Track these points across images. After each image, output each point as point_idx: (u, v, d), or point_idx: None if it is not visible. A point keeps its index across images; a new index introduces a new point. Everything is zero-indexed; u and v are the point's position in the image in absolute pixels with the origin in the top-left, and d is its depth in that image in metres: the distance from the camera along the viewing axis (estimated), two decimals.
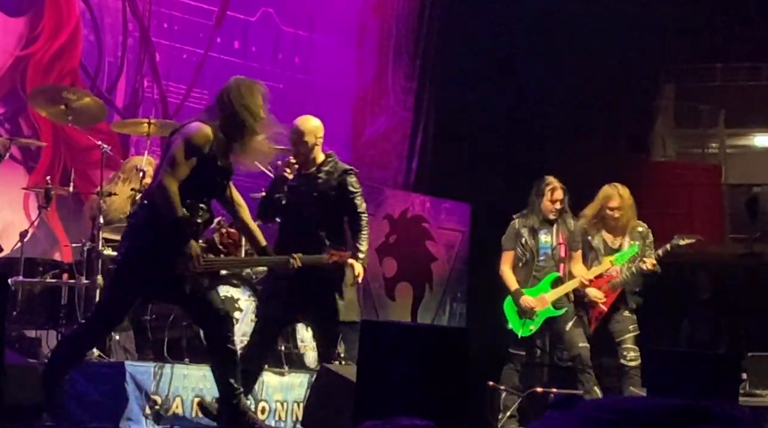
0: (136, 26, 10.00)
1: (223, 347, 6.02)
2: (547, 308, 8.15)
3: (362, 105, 12.06)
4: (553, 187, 8.22)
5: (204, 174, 5.76)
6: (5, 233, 8.35)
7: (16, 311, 7.36)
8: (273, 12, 11.07)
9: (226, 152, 5.85)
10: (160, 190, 5.66)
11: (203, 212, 5.82)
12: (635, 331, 8.20)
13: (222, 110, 5.88)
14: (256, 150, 5.94)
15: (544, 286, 8.19)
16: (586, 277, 8.14)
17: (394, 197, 11.22)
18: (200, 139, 5.72)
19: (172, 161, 5.67)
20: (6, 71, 9.07)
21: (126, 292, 5.85)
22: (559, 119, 11.99)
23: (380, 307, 10.80)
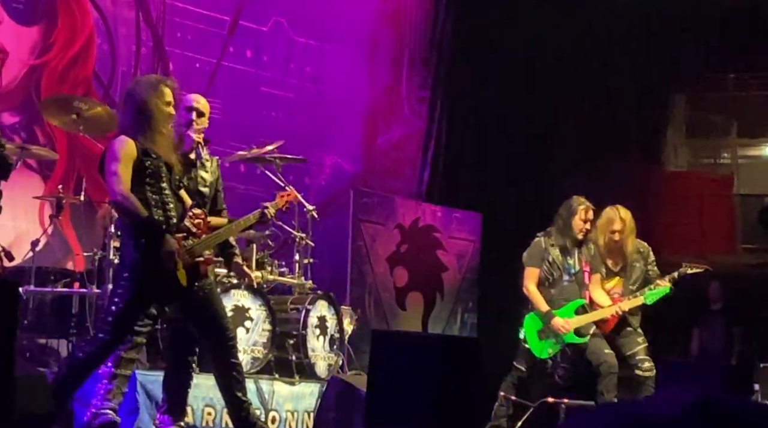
0: (150, 35, 10.04)
1: (227, 360, 6.03)
2: (569, 333, 8.12)
3: (374, 114, 12.07)
4: (586, 207, 8.19)
5: (146, 171, 5.78)
6: (20, 241, 8.38)
7: (27, 319, 7.38)
8: (284, 22, 11.10)
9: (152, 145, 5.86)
10: (116, 199, 5.72)
11: (173, 204, 5.85)
12: (644, 343, 8.20)
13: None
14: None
15: (567, 311, 8.15)
16: (622, 308, 8.13)
17: (405, 207, 11.23)
18: (123, 146, 5.76)
19: (111, 171, 5.71)
20: (20, 80, 9.11)
21: (133, 305, 5.84)
22: (571, 129, 11.99)
23: (391, 317, 10.80)
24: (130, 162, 5.72)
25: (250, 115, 10.68)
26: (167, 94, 5.91)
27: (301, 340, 7.88)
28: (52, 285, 7.58)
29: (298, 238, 8.37)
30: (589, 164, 11.85)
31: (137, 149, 5.75)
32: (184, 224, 5.83)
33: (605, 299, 8.23)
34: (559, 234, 8.19)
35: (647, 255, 8.36)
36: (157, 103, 5.85)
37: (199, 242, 5.90)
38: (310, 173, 11.10)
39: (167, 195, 5.83)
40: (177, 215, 5.86)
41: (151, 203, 5.76)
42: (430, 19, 12.59)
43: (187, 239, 5.84)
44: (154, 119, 5.83)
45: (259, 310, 7.64)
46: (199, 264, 5.88)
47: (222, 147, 9.90)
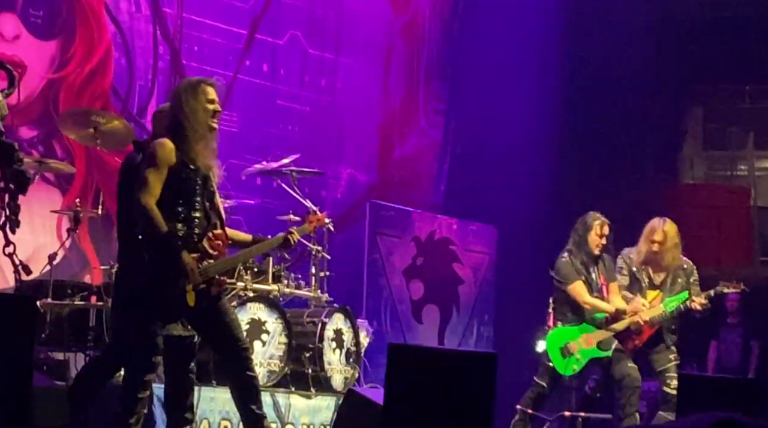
0: (167, 49, 10.09)
1: (242, 374, 5.98)
2: (592, 348, 8.11)
3: (390, 127, 12.10)
4: (602, 222, 8.22)
5: (181, 183, 5.73)
6: (38, 255, 8.41)
7: (44, 333, 7.40)
8: (300, 35, 11.15)
9: (191, 155, 5.79)
10: (138, 207, 5.64)
11: (199, 220, 5.77)
12: (676, 361, 8.21)
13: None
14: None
15: (588, 326, 8.15)
16: (643, 317, 8.12)
17: (421, 220, 11.24)
18: (163, 151, 5.69)
19: (143, 179, 5.65)
20: (39, 94, 9.16)
21: (141, 324, 5.82)
22: (587, 142, 11.98)
23: (407, 330, 10.80)
24: (165, 168, 5.61)
25: (266, 128, 10.72)
26: (209, 92, 5.77)
27: (318, 353, 7.88)
28: (69, 299, 7.59)
29: (314, 251, 8.39)
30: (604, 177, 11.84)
31: (176, 156, 5.65)
32: (202, 245, 5.75)
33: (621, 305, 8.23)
34: (577, 251, 8.21)
35: (691, 272, 8.35)
36: (196, 105, 5.71)
37: (214, 264, 5.80)
38: (326, 186, 11.12)
39: (197, 210, 5.72)
40: (201, 231, 5.76)
41: (178, 216, 5.67)
42: (446, 30, 12.62)
43: (203, 260, 5.77)
44: (194, 124, 5.70)
45: (276, 323, 7.65)
46: (210, 287, 5.82)
47: (238, 160, 9.94)
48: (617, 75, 11.93)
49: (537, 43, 11.88)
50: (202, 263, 5.72)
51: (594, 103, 11.99)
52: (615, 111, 12.07)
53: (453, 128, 12.51)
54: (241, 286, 7.67)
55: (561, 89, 11.94)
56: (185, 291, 5.65)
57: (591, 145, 12.01)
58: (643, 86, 11.96)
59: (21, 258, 4.92)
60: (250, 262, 7.86)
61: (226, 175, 9.84)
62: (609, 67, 11.92)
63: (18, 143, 5.04)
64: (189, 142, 5.69)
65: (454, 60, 12.62)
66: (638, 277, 8.34)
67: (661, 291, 8.32)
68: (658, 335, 8.24)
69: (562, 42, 11.94)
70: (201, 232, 5.75)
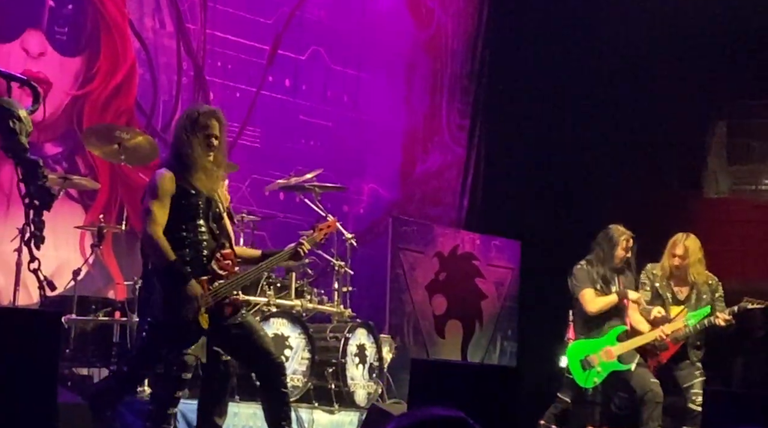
0: (191, 65, 10.13)
1: (276, 391, 6.01)
2: (612, 361, 8.09)
3: (413, 142, 12.10)
4: (628, 236, 8.22)
5: (184, 208, 5.78)
6: (62, 271, 8.45)
7: (68, 349, 7.43)
8: (323, 51, 11.18)
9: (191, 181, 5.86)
10: (145, 239, 5.72)
11: (207, 242, 5.84)
12: (702, 377, 8.17)
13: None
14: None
15: (609, 339, 8.12)
16: (665, 332, 8.09)
17: (444, 235, 11.23)
18: (163, 182, 5.77)
19: (148, 210, 5.73)
20: (63, 111, 9.21)
21: (157, 353, 5.86)
22: (610, 156, 11.95)
23: (430, 345, 10.78)
24: (167, 198, 5.73)
25: (288, 143, 10.75)
26: (212, 126, 5.90)
27: (341, 368, 7.89)
28: (93, 314, 7.64)
29: (337, 266, 8.40)
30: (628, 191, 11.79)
31: (176, 184, 5.76)
32: (211, 267, 5.80)
33: (644, 324, 8.21)
34: (600, 264, 8.19)
35: (716, 288, 8.32)
36: (193, 139, 5.85)
37: (225, 284, 5.85)
38: (349, 201, 11.13)
39: (202, 233, 5.80)
40: (209, 253, 5.82)
41: (184, 242, 5.75)
42: (469, 46, 12.62)
43: (213, 281, 5.81)
44: (193, 154, 5.82)
45: (299, 338, 7.66)
46: (222, 306, 5.85)
47: (261, 175, 9.98)
48: (642, 90, 11.90)
49: (560, 57, 11.86)
50: (213, 284, 5.76)
51: (619, 118, 11.95)
52: (639, 126, 12.02)
53: (476, 144, 12.50)
54: (264, 301, 7.69)
55: (585, 104, 11.91)
56: (198, 315, 5.69)
57: (615, 159, 11.97)
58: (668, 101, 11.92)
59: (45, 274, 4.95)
60: (273, 277, 7.89)
61: (249, 190, 9.97)
62: (633, 82, 11.88)
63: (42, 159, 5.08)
64: (189, 170, 5.81)
65: (477, 75, 12.62)
66: (661, 293, 8.31)
67: (685, 307, 8.28)
68: (683, 351, 8.20)
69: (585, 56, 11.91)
70: (209, 254, 5.82)
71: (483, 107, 12.57)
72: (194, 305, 5.67)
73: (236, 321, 5.90)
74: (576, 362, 8.13)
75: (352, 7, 11.55)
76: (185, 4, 10.06)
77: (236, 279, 5.95)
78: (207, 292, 5.73)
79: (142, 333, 6.00)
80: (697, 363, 8.22)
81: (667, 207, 11.58)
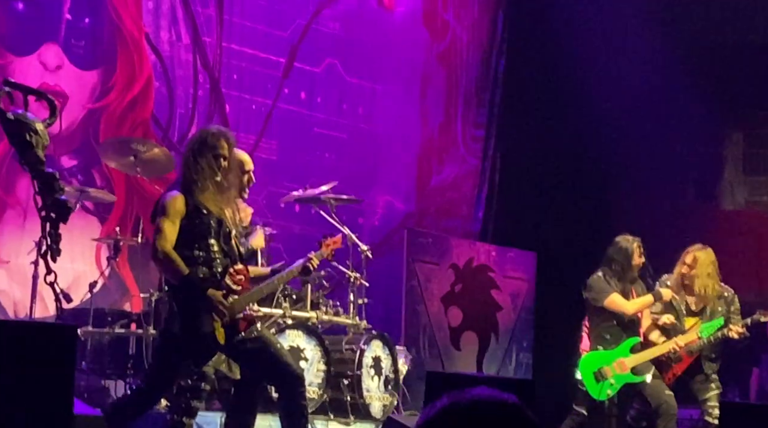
0: (207, 78, 10.17)
1: (295, 403, 6.02)
2: (626, 373, 8.07)
3: (428, 154, 12.11)
4: (638, 243, 8.20)
5: (196, 227, 5.82)
6: (78, 283, 8.48)
7: (85, 361, 7.46)
8: (338, 63, 11.21)
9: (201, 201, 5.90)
10: (156, 256, 5.75)
11: (220, 260, 5.86)
12: (718, 389, 8.13)
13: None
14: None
15: (622, 350, 8.10)
16: (679, 344, 8.06)
17: (459, 247, 11.22)
18: (173, 203, 5.80)
19: (158, 228, 5.77)
20: (79, 124, 9.25)
21: (174, 368, 5.89)
22: (625, 168, 11.94)
23: (446, 357, 10.77)
24: (177, 218, 5.76)
25: (304, 155, 10.77)
26: (221, 147, 5.95)
27: (356, 380, 7.89)
28: (109, 327, 7.66)
29: (352, 278, 8.40)
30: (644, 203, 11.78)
31: (186, 205, 5.80)
32: (225, 282, 5.83)
33: (657, 335, 8.18)
34: (617, 279, 8.14)
35: (731, 301, 8.27)
36: (210, 158, 5.89)
37: (239, 299, 5.88)
38: (364, 213, 11.14)
39: (214, 252, 5.82)
40: (222, 270, 5.85)
41: (198, 260, 5.78)
42: (484, 57, 12.64)
43: (227, 297, 5.84)
44: (206, 174, 5.86)
45: (314, 350, 7.66)
46: (237, 322, 5.86)
47: (277, 187, 10.00)
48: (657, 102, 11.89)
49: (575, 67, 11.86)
50: (228, 300, 5.79)
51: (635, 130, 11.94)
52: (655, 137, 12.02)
53: (491, 155, 12.50)
54: (280, 313, 7.69)
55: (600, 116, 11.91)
56: (214, 330, 5.71)
57: (631, 171, 11.97)
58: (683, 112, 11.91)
59: (62, 287, 4.96)
60: (289, 290, 7.91)
61: (265, 202, 9.99)
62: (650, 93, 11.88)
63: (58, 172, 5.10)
64: (199, 190, 5.85)
65: (492, 86, 12.63)
66: (675, 304, 8.29)
67: (700, 318, 8.25)
68: (698, 363, 8.17)
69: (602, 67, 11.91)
70: (222, 271, 5.85)
71: (498, 117, 12.57)
72: (211, 318, 5.69)
73: (251, 336, 5.92)
74: (589, 374, 8.11)
75: (367, 20, 11.58)
76: (201, 17, 10.10)
77: (250, 294, 5.98)
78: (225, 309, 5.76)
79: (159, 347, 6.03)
80: (713, 375, 8.18)
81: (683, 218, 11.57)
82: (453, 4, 12.43)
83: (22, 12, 8.98)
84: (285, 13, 10.78)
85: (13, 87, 5.09)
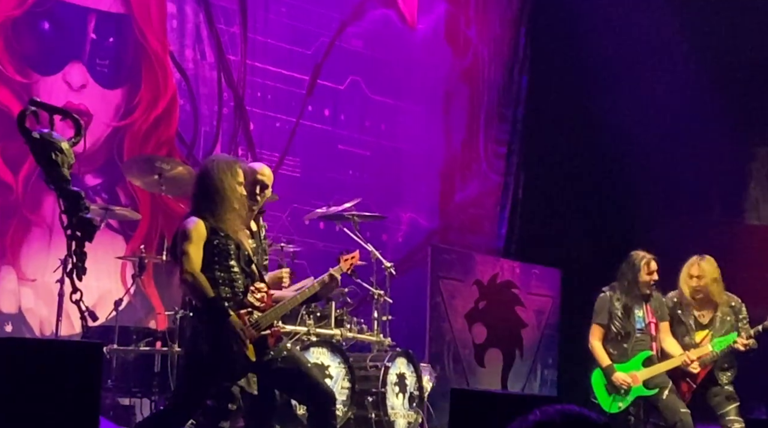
0: (231, 96, 10.21)
1: (326, 424, 6.03)
2: (638, 386, 8.04)
3: (451, 170, 12.12)
4: (648, 259, 8.16)
5: (216, 249, 5.85)
6: (103, 301, 8.51)
7: (110, 379, 7.47)
8: (361, 80, 11.24)
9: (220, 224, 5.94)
10: (184, 279, 5.78)
11: (241, 280, 5.89)
12: (736, 402, 8.07)
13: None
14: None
15: (635, 364, 8.08)
16: (690, 357, 8.03)
17: (483, 263, 11.20)
18: (195, 228, 5.84)
19: (183, 252, 5.79)
20: (103, 142, 9.30)
21: (202, 388, 5.90)
22: (650, 184, 11.90)
23: (470, 374, 10.74)
24: (201, 242, 5.80)
25: (328, 172, 10.79)
26: (240, 174, 6.00)
27: (381, 398, 7.87)
28: (134, 344, 7.68)
29: (376, 295, 8.40)
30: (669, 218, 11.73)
31: (207, 229, 5.83)
32: (248, 300, 5.86)
33: (677, 348, 8.14)
34: (624, 293, 8.14)
35: (739, 310, 8.24)
36: (231, 183, 5.93)
37: (264, 315, 5.91)
38: (387, 230, 11.15)
39: (235, 273, 5.86)
40: (244, 289, 5.89)
41: (219, 281, 5.81)
42: (506, 74, 12.64)
43: (251, 314, 5.86)
44: (226, 199, 5.90)
45: (339, 367, 7.66)
46: (266, 337, 5.90)
47: (301, 205, 10.02)
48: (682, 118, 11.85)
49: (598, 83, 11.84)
50: (252, 317, 5.81)
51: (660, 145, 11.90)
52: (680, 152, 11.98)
53: (514, 171, 12.50)
54: (304, 331, 7.70)
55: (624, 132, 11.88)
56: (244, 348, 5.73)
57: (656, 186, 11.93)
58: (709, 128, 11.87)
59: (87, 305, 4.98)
60: (313, 307, 7.91)
61: (289, 219, 10.01)
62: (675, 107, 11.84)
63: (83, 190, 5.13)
64: (220, 212, 5.88)
65: (514, 103, 12.63)
66: (684, 320, 8.25)
67: (710, 331, 8.22)
68: (711, 375, 8.12)
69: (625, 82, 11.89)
70: (243, 290, 5.89)
71: (521, 134, 12.57)
72: (240, 338, 5.71)
73: (281, 355, 5.93)
74: (601, 387, 8.11)
75: (391, 37, 11.61)
76: (226, 35, 10.15)
77: (274, 310, 6.00)
78: (247, 325, 5.79)
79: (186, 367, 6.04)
80: (728, 386, 8.12)
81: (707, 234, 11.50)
82: (475, 20, 12.45)
83: (47, 32, 9.05)
84: (309, 31, 10.82)
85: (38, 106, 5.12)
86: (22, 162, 8.59)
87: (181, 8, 9.88)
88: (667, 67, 11.90)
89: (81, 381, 4.46)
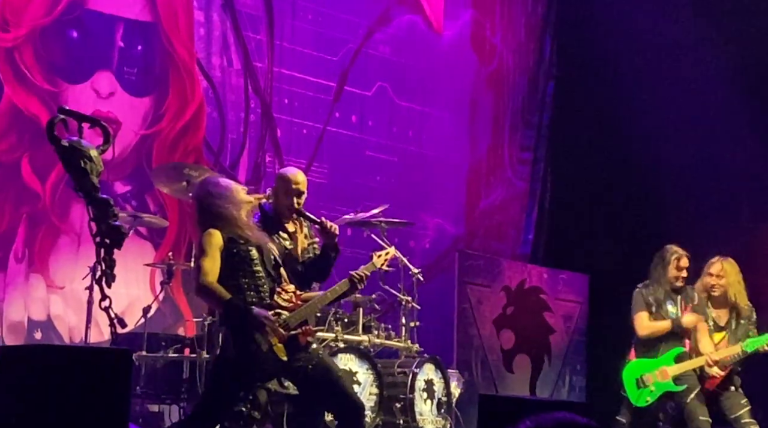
0: (258, 103, 10.24)
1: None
2: (667, 381, 8.02)
3: (477, 177, 12.10)
4: (679, 255, 8.17)
5: (237, 256, 5.87)
6: (132, 308, 8.54)
7: (139, 386, 7.50)
8: (388, 87, 11.24)
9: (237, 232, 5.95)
10: (199, 291, 5.80)
11: (267, 285, 5.90)
12: (748, 405, 8.04)
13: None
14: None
15: (666, 359, 8.07)
16: (713, 357, 8.00)
17: (511, 269, 11.18)
18: (211, 239, 5.85)
19: (200, 267, 5.82)
20: (132, 150, 9.34)
21: (230, 394, 5.91)
22: (677, 188, 11.85)
23: (498, 380, 10.72)
24: (217, 253, 5.81)
25: (355, 179, 10.80)
26: (240, 190, 6.07)
27: (409, 404, 7.86)
28: (163, 351, 7.70)
29: (404, 301, 8.39)
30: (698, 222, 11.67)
31: (224, 238, 5.85)
32: (275, 301, 5.87)
33: (710, 348, 8.11)
34: (655, 285, 8.16)
35: (750, 314, 8.23)
36: (236, 197, 6.01)
37: (293, 315, 5.92)
38: (415, 236, 11.14)
39: (260, 277, 5.88)
40: (269, 293, 5.91)
41: (244, 287, 5.82)
42: (531, 80, 12.62)
43: (279, 315, 5.87)
44: (234, 209, 5.95)
45: (367, 374, 7.65)
46: (297, 336, 5.90)
47: (329, 211, 10.01)
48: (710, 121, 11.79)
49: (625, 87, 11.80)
50: (281, 317, 5.81)
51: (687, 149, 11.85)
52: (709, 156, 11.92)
53: (541, 177, 12.47)
54: (332, 337, 7.70)
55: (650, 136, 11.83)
56: (272, 348, 5.73)
57: (684, 190, 11.87)
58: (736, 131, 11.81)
59: (116, 312, 5.01)
60: (341, 313, 7.92)
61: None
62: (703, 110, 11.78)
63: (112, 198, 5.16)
64: (234, 222, 5.92)
65: (540, 109, 12.61)
66: None
67: (727, 332, 8.19)
68: (727, 377, 8.09)
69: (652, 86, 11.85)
70: (269, 293, 5.91)
71: (547, 140, 12.54)
72: (268, 329, 5.71)
73: (313, 363, 5.93)
74: (632, 380, 8.13)
75: (417, 44, 11.61)
76: (252, 42, 10.19)
77: (304, 308, 6.00)
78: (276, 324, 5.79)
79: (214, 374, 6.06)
80: (740, 388, 8.11)
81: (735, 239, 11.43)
82: (501, 27, 12.44)
83: (75, 40, 9.10)
84: (335, 37, 10.84)
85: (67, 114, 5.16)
86: (50, 170, 8.64)
87: (208, 16, 9.92)
88: (695, 71, 11.84)
89: (110, 388, 4.48)
